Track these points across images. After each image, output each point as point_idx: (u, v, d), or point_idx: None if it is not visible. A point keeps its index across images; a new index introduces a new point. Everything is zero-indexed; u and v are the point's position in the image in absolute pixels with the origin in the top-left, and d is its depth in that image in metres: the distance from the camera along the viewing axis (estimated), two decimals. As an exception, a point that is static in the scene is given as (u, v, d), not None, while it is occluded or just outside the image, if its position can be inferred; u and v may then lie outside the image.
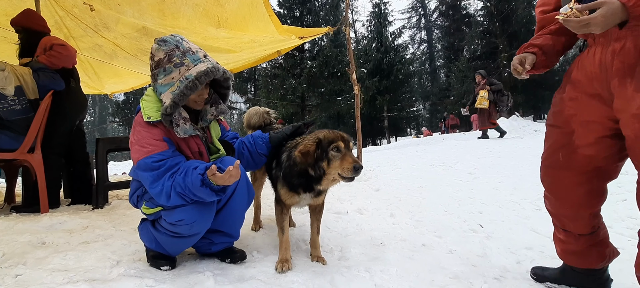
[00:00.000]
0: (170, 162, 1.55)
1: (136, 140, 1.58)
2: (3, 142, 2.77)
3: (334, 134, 1.71)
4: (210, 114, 1.79)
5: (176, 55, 1.57)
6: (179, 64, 1.56)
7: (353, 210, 3.19)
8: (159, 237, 1.66)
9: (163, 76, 1.57)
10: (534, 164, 1.93)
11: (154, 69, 1.61)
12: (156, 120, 1.58)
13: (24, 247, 1.98)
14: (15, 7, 4.22)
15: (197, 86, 1.55)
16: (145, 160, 1.52)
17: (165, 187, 1.51)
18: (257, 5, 3.74)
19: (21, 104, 2.92)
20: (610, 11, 1.21)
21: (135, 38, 4.79)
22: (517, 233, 2.78)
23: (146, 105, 1.62)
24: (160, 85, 1.59)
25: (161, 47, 1.59)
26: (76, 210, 3.02)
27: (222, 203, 1.78)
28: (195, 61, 1.58)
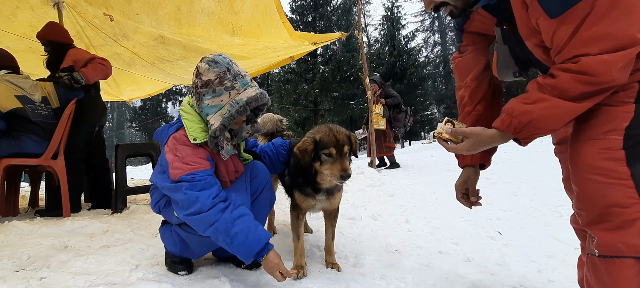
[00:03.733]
0: (210, 180, 1.55)
1: (180, 157, 1.56)
2: (29, 146, 2.88)
3: (329, 137, 1.71)
4: (246, 132, 1.80)
5: (227, 78, 1.56)
6: (230, 88, 1.55)
7: (367, 216, 3.16)
8: (188, 238, 1.67)
9: (211, 97, 1.57)
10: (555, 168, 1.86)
11: (200, 88, 1.59)
12: (202, 142, 1.59)
13: (48, 250, 2.04)
14: (39, 19, 4.41)
15: (247, 111, 1.58)
16: (187, 176, 1.52)
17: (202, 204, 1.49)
18: (271, 13, 3.79)
19: (47, 110, 3.10)
20: (477, 143, 1.21)
21: (153, 46, 4.92)
22: (537, 240, 2.70)
23: (190, 126, 1.61)
24: (206, 106, 1.58)
25: (212, 68, 1.58)
26: (96, 214, 3.11)
27: (257, 194, 1.85)
28: (244, 85, 1.59)
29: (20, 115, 2.89)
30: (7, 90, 2.90)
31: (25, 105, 2.94)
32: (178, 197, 1.53)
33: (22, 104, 2.92)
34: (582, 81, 1.01)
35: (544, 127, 1.09)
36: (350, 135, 1.79)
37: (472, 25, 1.47)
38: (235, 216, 1.51)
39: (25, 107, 2.93)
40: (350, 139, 1.77)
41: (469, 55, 1.54)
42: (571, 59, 1.02)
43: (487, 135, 1.19)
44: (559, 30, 1.03)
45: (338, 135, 1.72)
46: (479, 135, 1.20)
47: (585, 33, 0.99)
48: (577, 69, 1.00)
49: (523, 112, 1.10)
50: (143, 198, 4.05)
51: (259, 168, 1.88)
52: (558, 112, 1.06)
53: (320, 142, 1.69)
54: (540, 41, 1.16)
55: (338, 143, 1.69)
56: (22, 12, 4.27)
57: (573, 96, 1.03)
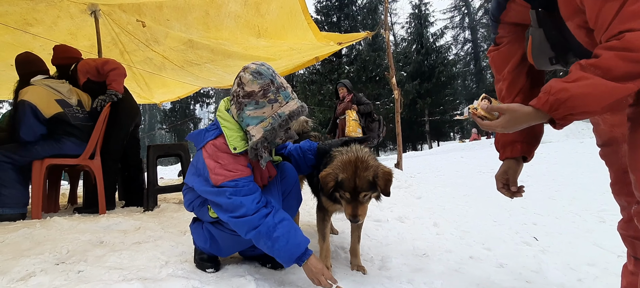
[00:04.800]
0: (252, 186, 1.59)
1: (222, 165, 1.57)
2: (69, 147, 3.06)
3: (349, 181, 1.63)
4: (279, 138, 1.77)
5: (271, 91, 1.57)
6: (273, 101, 1.56)
7: (393, 218, 3.09)
8: (219, 235, 1.71)
9: (253, 108, 1.57)
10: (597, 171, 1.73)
11: (242, 97, 1.59)
12: (241, 151, 1.61)
13: (85, 245, 2.15)
14: (78, 27, 4.68)
15: (288, 124, 1.60)
16: (229, 182, 1.55)
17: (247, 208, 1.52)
18: (296, 14, 3.80)
19: (83, 113, 3.27)
20: (513, 119, 1.15)
21: (182, 51, 5.09)
22: (577, 247, 2.53)
23: (230, 135, 1.62)
24: (247, 117, 1.59)
25: (256, 79, 1.57)
26: (129, 212, 3.25)
27: (286, 193, 1.87)
28: (286, 98, 1.60)
29: (61, 119, 3.07)
30: (49, 95, 3.08)
31: (65, 109, 3.11)
32: (221, 201, 1.56)
33: (62, 108, 3.10)
34: (626, 58, 0.93)
35: (582, 106, 1.01)
36: (375, 179, 1.65)
37: (509, 15, 1.40)
38: (276, 221, 1.53)
39: (65, 111, 3.10)
40: (375, 183, 1.65)
41: (505, 47, 1.47)
42: (616, 36, 0.95)
43: (524, 113, 1.12)
44: (604, 7, 0.97)
45: (358, 180, 1.62)
46: (516, 111, 1.13)
47: (631, 7, 0.92)
48: (621, 46, 0.93)
49: (561, 89, 1.02)
50: (172, 197, 4.19)
51: (288, 170, 1.89)
52: (599, 91, 0.98)
53: (340, 183, 1.65)
54: (583, 21, 1.08)
55: (355, 189, 1.62)
56: (62, 21, 4.54)
57: (616, 75, 0.95)
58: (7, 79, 5.78)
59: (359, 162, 1.65)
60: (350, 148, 1.75)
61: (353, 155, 1.68)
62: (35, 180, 2.89)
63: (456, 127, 34.91)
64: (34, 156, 2.92)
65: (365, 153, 1.72)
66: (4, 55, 5.05)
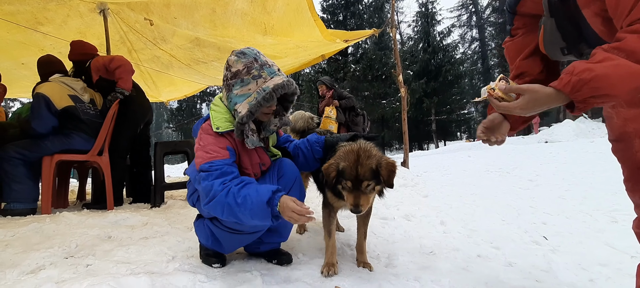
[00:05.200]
0: (226, 168, 1.57)
1: (202, 146, 1.62)
2: (78, 143, 3.10)
3: (350, 169, 1.61)
4: (274, 125, 1.82)
5: (255, 67, 1.60)
6: (257, 76, 1.59)
7: (400, 216, 3.07)
8: (218, 233, 1.72)
9: (240, 87, 1.61)
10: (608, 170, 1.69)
11: (229, 79, 1.64)
12: (224, 131, 1.63)
13: (93, 240, 2.17)
14: (87, 25, 4.74)
15: (273, 98, 1.60)
16: (205, 165, 1.57)
17: (214, 190, 1.50)
18: (303, 11, 3.79)
19: (94, 110, 3.32)
20: (532, 101, 1.10)
21: (189, 49, 5.12)
22: (588, 247, 2.48)
23: (216, 116, 1.67)
24: (235, 96, 1.62)
25: (240, 59, 1.63)
26: (137, 208, 3.28)
27: None
28: (271, 74, 1.63)
29: (72, 114, 3.12)
30: (62, 90, 3.15)
31: (76, 104, 3.17)
32: (199, 188, 1.58)
33: (74, 103, 3.16)
34: None
35: (606, 87, 0.97)
36: (378, 168, 1.61)
37: (525, 6, 1.40)
38: (239, 186, 1.49)
39: (76, 106, 3.16)
40: (377, 173, 1.60)
41: (519, 39, 1.46)
42: (639, 20, 0.93)
43: (545, 94, 1.08)
44: None
45: (360, 168, 1.59)
46: (536, 91, 1.08)
47: None
48: None
49: (585, 69, 0.98)
50: (179, 194, 4.22)
51: (286, 167, 1.82)
52: (623, 72, 0.95)
53: (342, 171, 1.63)
54: (600, 9, 1.06)
55: (357, 177, 1.60)
56: (72, 20, 4.59)
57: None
58: (18, 77, 5.87)
59: (362, 152, 1.64)
60: (356, 142, 1.75)
61: (356, 146, 1.68)
62: (45, 176, 2.94)
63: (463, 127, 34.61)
64: (44, 152, 2.97)
65: (369, 145, 1.71)
66: (15, 54, 5.13)
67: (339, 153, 1.69)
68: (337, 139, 1.88)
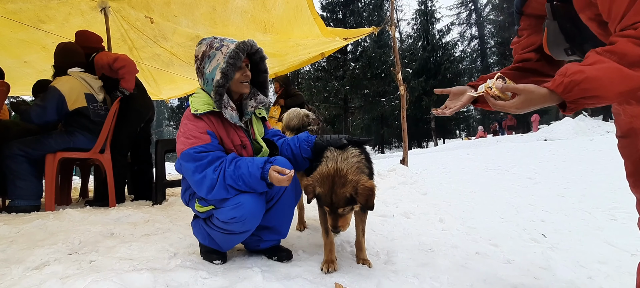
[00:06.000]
0: (212, 155, 1.63)
1: (182, 132, 1.69)
2: (80, 141, 3.12)
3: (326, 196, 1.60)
4: (250, 107, 1.87)
5: (216, 41, 1.73)
6: (220, 47, 1.69)
7: (399, 213, 3.09)
8: (212, 233, 1.74)
9: (209, 63, 1.70)
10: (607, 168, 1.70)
11: (200, 65, 1.74)
12: (203, 113, 1.68)
13: (96, 236, 2.19)
14: (88, 23, 4.73)
15: (239, 55, 1.67)
16: (188, 150, 1.62)
17: (209, 179, 1.59)
18: (302, 9, 3.80)
19: (105, 110, 3.35)
20: (527, 101, 1.12)
21: (189, 46, 5.13)
22: (587, 245, 2.50)
23: (194, 100, 1.74)
24: (209, 74, 1.70)
25: (202, 44, 1.76)
26: (138, 205, 3.30)
27: (274, 201, 1.83)
28: (232, 42, 1.74)
29: (82, 113, 3.14)
30: (80, 88, 3.17)
31: (89, 104, 3.20)
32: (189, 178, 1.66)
33: (87, 103, 3.19)
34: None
35: (596, 89, 1.00)
36: (354, 195, 1.56)
37: (530, 7, 1.44)
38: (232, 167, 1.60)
39: (89, 106, 3.19)
40: (354, 197, 1.56)
41: (525, 39, 1.51)
42: (631, 26, 0.96)
43: (540, 94, 1.10)
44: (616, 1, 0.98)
45: (335, 197, 1.57)
46: (532, 92, 1.11)
47: None
48: (636, 35, 0.94)
49: (576, 71, 1.02)
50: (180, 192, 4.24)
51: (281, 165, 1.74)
52: (613, 75, 0.98)
53: (318, 196, 1.64)
54: (595, 14, 1.09)
55: (332, 205, 1.59)
56: (73, 18, 4.60)
57: (632, 61, 0.96)
58: (21, 75, 5.88)
59: (337, 177, 1.58)
60: (338, 155, 1.68)
61: (332, 167, 1.61)
62: (48, 173, 2.96)
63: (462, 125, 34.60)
64: (47, 149, 2.99)
65: (346, 165, 1.62)
66: (18, 52, 5.14)
67: (316, 175, 1.64)
68: (327, 143, 1.82)
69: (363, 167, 1.69)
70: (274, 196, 1.82)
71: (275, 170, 1.57)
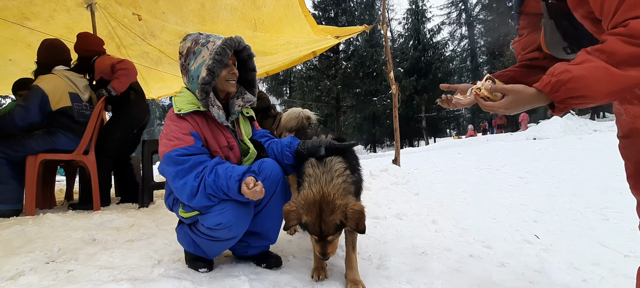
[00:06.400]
0: (194, 160, 1.54)
1: (164, 134, 1.61)
2: (63, 142, 3.00)
3: (314, 226, 1.46)
4: (238, 105, 1.80)
5: (201, 37, 1.66)
6: (206, 43, 1.63)
7: (391, 215, 3.05)
8: (197, 240, 1.66)
9: (194, 59, 1.63)
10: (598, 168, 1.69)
11: (184, 62, 1.67)
12: (186, 113, 1.61)
13: (77, 243, 2.09)
14: (74, 20, 4.60)
15: (225, 51, 1.60)
16: (170, 153, 1.54)
17: (191, 186, 1.50)
18: (293, 6, 3.73)
19: (90, 110, 3.23)
20: (516, 101, 1.12)
21: (178, 44, 4.98)
22: (580, 246, 2.49)
23: (178, 100, 1.66)
24: (194, 71, 1.63)
25: (186, 40, 1.68)
26: (124, 208, 3.19)
27: (261, 206, 1.75)
28: (219, 38, 1.66)
29: (65, 113, 3.01)
30: (64, 87, 3.05)
31: (74, 104, 3.08)
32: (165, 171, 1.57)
33: (72, 103, 3.07)
34: (629, 43, 0.92)
35: (582, 88, 0.98)
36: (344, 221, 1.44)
37: (528, 6, 1.43)
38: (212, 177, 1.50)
39: (73, 106, 3.07)
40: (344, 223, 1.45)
41: (525, 38, 1.50)
42: (622, 23, 0.94)
43: (528, 94, 1.10)
44: None
45: (324, 226, 1.45)
46: (520, 92, 1.11)
47: None
48: (626, 32, 0.92)
49: (563, 71, 1.00)
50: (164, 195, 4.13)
51: (268, 168, 1.68)
52: (600, 74, 0.96)
53: (305, 224, 1.49)
54: (588, 12, 1.08)
55: (322, 233, 1.46)
56: (59, 14, 4.47)
57: (620, 60, 0.94)
58: (6, 74, 5.71)
59: (324, 203, 1.44)
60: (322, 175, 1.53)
61: (318, 192, 1.46)
62: (28, 176, 2.83)
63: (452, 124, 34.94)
64: (27, 151, 2.87)
65: (333, 188, 1.48)
66: (3, 50, 4.99)
67: (300, 200, 1.49)
68: (308, 152, 1.69)
69: (348, 184, 1.55)
70: (262, 200, 1.73)
71: (247, 184, 1.44)
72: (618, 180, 3.94)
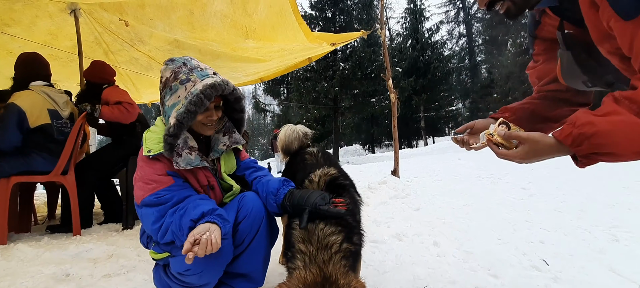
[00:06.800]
0: (178, 195, 1.37)
1: (139, 176, 1.41)
2: (39, 163, 2.79)
3: None
4: (223, 144, 1.59)
5: (183, 71, 1.40)
6: (185, 80, 1.38)
7: (391, 235, 2.89)
8: (171, 285, 1.49)
9: (169, 96, 1.41)
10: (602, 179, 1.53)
11: (161, 91, 1.46)
12: (157, 153, 1.40)
13: (47, 280, 1.91)
14: (58, 26, 4.42)
15: (203, 102, 1.36)
16: (150, 197, 1.36)
17: (166, 222, 1.33)
18: (286, 14, 3.55)
19: (70, 127, 3.04)
20: (533, 151, 1.00)
21: (168, 50, 4.83)
22: (591, 273, 2.32)
23: (148, 138, 1.45)
24: (167, 108, 1.42)
25: (168, 66, 1.45)
26: (105, 231, 3.00)
27: (244, 246, 1.57)
28: (202, 77, 1.41)
29: (44, 131, 2.83)
30: (43, 104, 2.87)
31: (53, 121, 2.91)
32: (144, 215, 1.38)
33: (51, 120, 2.89)
34: None
35: (609, 145, 0.85)
36: None
37: (544, 30, 1.27)
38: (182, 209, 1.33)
39: (53, 123, 2.90)
40: None
41: (541, 66, 1.35)
42: None
43: (547, 144, 0.98)
44: (638, 35, 0.81)
45: None
46: (538, 142, 0.98)
47: None
48: None
49: (586, 123, 0.88)
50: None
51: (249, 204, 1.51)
52: (629, 130, 0.82)
53: None
54: (615, 48, 0.93)
55: None
56: (41, 20, 4.29)
57: None
58: (-13, 84, 5.51)
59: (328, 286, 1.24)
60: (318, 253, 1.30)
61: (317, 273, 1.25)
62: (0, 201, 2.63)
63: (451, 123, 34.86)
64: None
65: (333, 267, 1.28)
66: (-17, 58, 4.80)
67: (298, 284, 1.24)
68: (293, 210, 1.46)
69: (348, 260, 1.33)
70: (244, 239, 1.53)
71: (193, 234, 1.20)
72: (625, 195, 3.79)
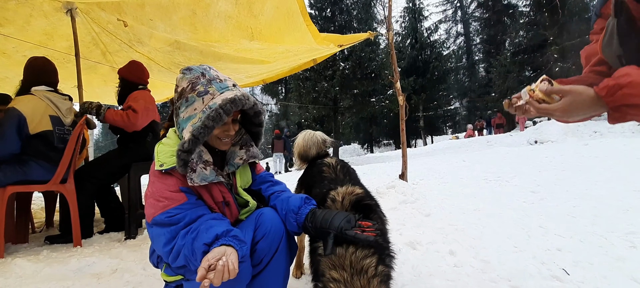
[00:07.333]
0: (190, 215, 1.27)
1: (151, 193, 1.30)
2: (35, 172, 2.68)
3: None
4: (239, 158, 1.49)
5: (201, 83, 1.31)
6: (203, 93, 1.30)
7: (404, 243, 2.80)
8: None
9: (185, 108, 1.32)
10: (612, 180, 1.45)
11: (176, 102, 1.36)
12: (170, 168, 1.30)
13: (48, 299, 1.80)
14: (53, 26, 4.28)
15: (221, 117, 1.27)
16: (161, 216, 1.25)
17: (177, 245, 1.23)
18: (294, 15, 3.44)
19: None
20: (575, 103, 0.98)
21: (168, 52, 4.71)
22: (614, 283, 2.25)
23: (161, 151, 1.35)
24: (182, 120, 1.33)
25: (185, 75, 1.35)
26: (108, 242, 2.88)
27: (262, 265, 1.46)
28: (221, 89, 1.31)
29: (44, 139, 2.71)
30: (45, 110, 2.77)
31: (55, 127, 2.81)
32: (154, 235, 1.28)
33: (53, 126, 2.79)
34: None
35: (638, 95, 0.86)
36: None
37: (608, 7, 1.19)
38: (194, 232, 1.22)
39: (54, 130, 2.79)
40: None
41: (593, 44, 1.27)
42: None
43: (588, 96, 0.95)
44: None
45: None
46: (580, 93, 0.96)
47: None
48: None
49: (624, 74, 0.89)
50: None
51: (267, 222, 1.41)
52: None
53: None
54: None
55: None
56: (36, 20, 4.16)
57: None
58: (-19, 85, 5.37)
59: None
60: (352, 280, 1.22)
61: None
62: (-4, 211, 2.51)
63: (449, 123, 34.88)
64: (-6, 183, 2.54)
65: None
66: (-25, 59, 4.66)
67: None
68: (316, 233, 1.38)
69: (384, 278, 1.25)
70: (263, 259, 1.43)
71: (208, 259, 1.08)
72: (638, 198, 3.72)
